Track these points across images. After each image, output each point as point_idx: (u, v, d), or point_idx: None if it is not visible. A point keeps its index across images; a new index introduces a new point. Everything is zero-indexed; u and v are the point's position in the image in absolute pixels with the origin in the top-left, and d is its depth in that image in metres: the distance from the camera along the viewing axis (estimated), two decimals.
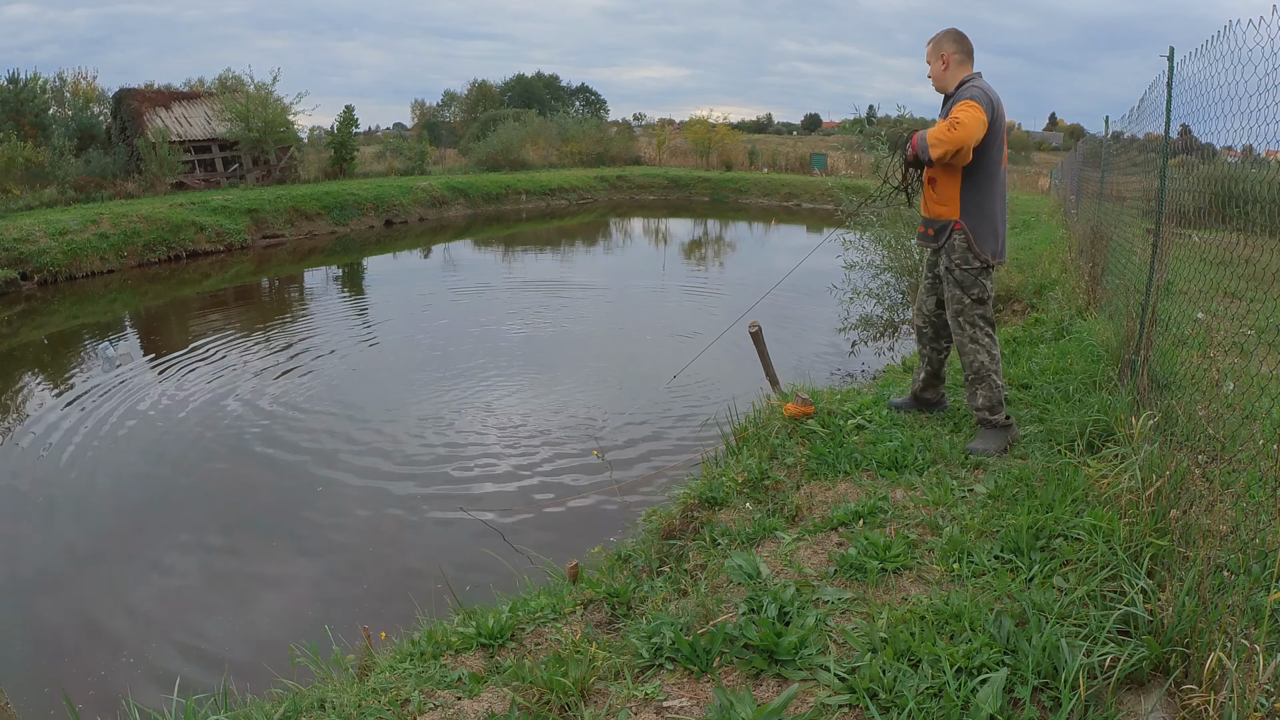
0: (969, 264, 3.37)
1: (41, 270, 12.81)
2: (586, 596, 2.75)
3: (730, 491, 3.37)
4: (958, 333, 3.48)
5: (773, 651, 2.04)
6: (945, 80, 3.38)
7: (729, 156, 33.97)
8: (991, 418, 3.42)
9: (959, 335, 3.47)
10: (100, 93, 22.92)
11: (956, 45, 3.36)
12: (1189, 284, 3.17)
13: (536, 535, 4.91)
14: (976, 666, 1.86)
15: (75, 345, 9.60)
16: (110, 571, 4.66)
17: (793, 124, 71.34)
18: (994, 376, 3.42)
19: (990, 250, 3.37)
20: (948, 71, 3.36)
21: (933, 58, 3.39)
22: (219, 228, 16.33)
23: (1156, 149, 3.94)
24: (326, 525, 5.21)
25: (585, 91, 56.86)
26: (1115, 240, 5.63)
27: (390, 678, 2.22)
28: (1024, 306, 8.03)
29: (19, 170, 16.29)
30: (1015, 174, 31.51)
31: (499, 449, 6.33)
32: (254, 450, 6.38)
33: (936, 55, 3.38)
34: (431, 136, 38.46)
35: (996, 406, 3.42)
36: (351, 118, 24.28)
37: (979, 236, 3.35)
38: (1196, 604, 1.81)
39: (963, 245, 3.37)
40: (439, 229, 21.14)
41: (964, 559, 2.42)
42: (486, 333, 10.12)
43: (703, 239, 21.54)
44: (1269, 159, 2.69)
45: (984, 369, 3.41)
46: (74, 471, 5.93)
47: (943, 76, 3.38)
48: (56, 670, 3.75)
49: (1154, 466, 2.48)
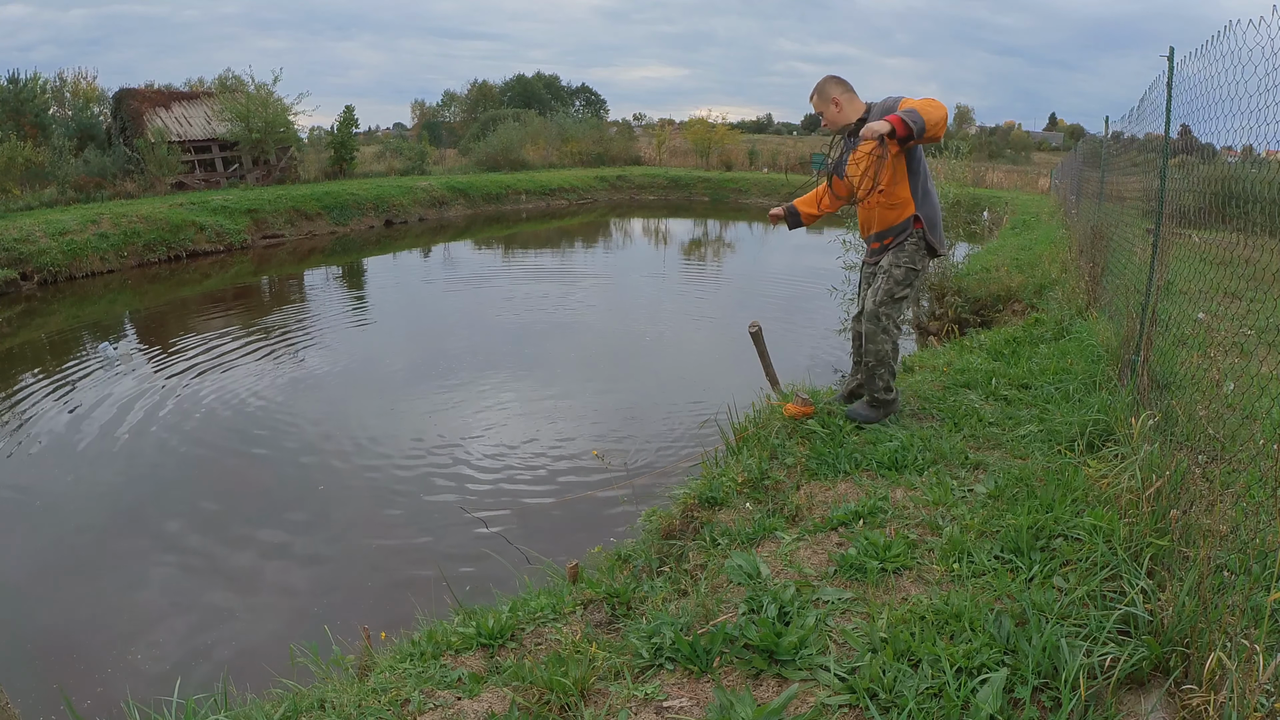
0: (916, 263, 3.61)
1: (41, 270, 12.80)
2: (586, 596, 2.75)
3: (730, 491, 3.37)
4: (873, 322, 3.69)
5: (773, 651, 2.04)
6: (844, 117, 3.57)
7: (729, 156, 33.96)
8: (886, 396, 3.78)
9: (873, 324, 3.69)
10: (100, 93, 22.92)
11: (840, 87, 3.58)
12: (1189, 284, 3.17)
13: (536, 535, 4.91)
14: (976, 666, 1.86)
15: (75, 345, 9.60)
16: (110, 571, 4.66)
17: (793, 124, 71.24)
18: (892, 362, 3.72)
19: (939, 239, 3.64)
20: (843, 111, 3.56)
21: (822, 105, 3.60)
22: (219, 228, 16.32)
23: (1156, 149, 3.95)
24: (327, 525, 5.21)
25: (585, 91, 56.89)
26: (1115, 240, 5.63)
27: (390, 678, 2.22)
28: (1024, 306, 8.03)
29: (19, 170, 16.28)
30: (1015, 174, 31.53)
31: (499, 449, 6.33)
32: (254, 450, 6.38)
33: (826, 102, 3.59)
34: (431, 136, 38.45)
35: (891, 385, 3.78)
36: (351, 118, 24.28)
37: (933, 227, 3.59)
38: (1196, 604, 1.81)
39: (914, 245, 3.59)
40: (439, 229, 21.14)
41: (964, 559, 2.41)
42: (486, 333, 10.11)
43: (703, 239, 21.54)
44: (1269, 159, 2.69)
45: (887, 356, 3.70)
46: (74, 471, 5.93)
47: (838, 116, 3.58)
48: (57, 670, 3.75)
49: (1154, 466, 2.48)
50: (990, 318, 8.54)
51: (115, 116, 20.87)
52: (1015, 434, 3.56)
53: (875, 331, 3.68)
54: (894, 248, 3.62)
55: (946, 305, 9.29)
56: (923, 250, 3.60)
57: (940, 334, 8.18)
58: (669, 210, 27.08)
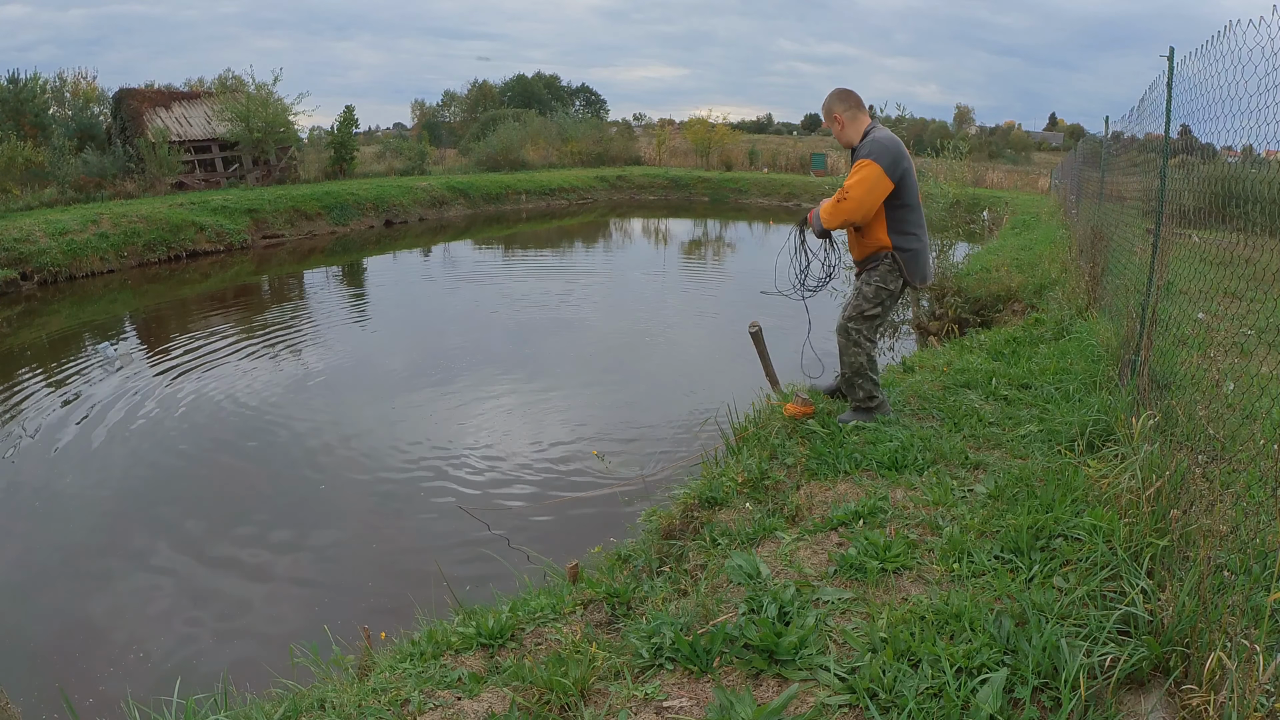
0: (888, 284, 3.68)
1: (41, 270, 12.80)
2: (586, 596, 2.75)
3: (730, 491, 3.37)
4: (844, 336, 3.78)
5: (773, 651, 2.04)
6: (847, 136, 3.66)
7: (729, 156, 33.96)
8: (870, 403, 3.83)
9: (844, 338, 3.78)
10: (100, 93, 22.91)
11: (843, 103, 3.65)
12: (1189, 284, 3.17)
13: (536, 535, 4.92)
14: (976, 666, 1.86)
15: (75, 345, 9.60)
16: (110, 571, 4.66)
17: (793, 124, 71.26)
18: (870, 373, 3.78)
19: (919, 277, 3.69)
20: (845, 129, 3.65)
21: (828, 122, 3.73)
22: (219, 228, 16.32)
23: (1156, 149, 3.95)
24: (327, 525, 5.21)
25: (585, 91, 56.90)
26: (1115, 240, 5.63)
27: (390, 678, 2.22)
28: (1024, 306, 8.03)
29: (19, 170, 16.28)
30: (1015, 174, 31.54)
31: (499, 448, 6.33)
32: (254, 450, 6.39)
33: (830, 119, 3.70)
34: (431, 136, 38.43)
35: (873, 393, 3.82)
36: (351, 118, 24.27)
37: (909, 265, 3.65)
38: (1196, 604, 1.81)
39: (887, 268, 3.67)
40: (439, 229, 21.13)
41: (964, 559, 2.41)
42: (486, 332, 10.12)
43: (703, 239, 21.54)
44: (1269, 159, 2.69)
45: (863, 368, 3.77)
46: (74, 472, 5.93)
47: (843, 134, 3.67)
48: (57, 670, 3.75)
49: (1154, 466, 2.48)
50: (990, 318, 8.55)
51: (115, 116, 20.87)
52: (1015, 434, 3.56)
53: (846, 345, 3.79)
54: (868, 270, 3.76)
55: (946, 305, 9.30)
56: (896, 273, 3.68)
57: (940, 334, 8.18)
58: (669, 210, 27.07)
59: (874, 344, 3.81)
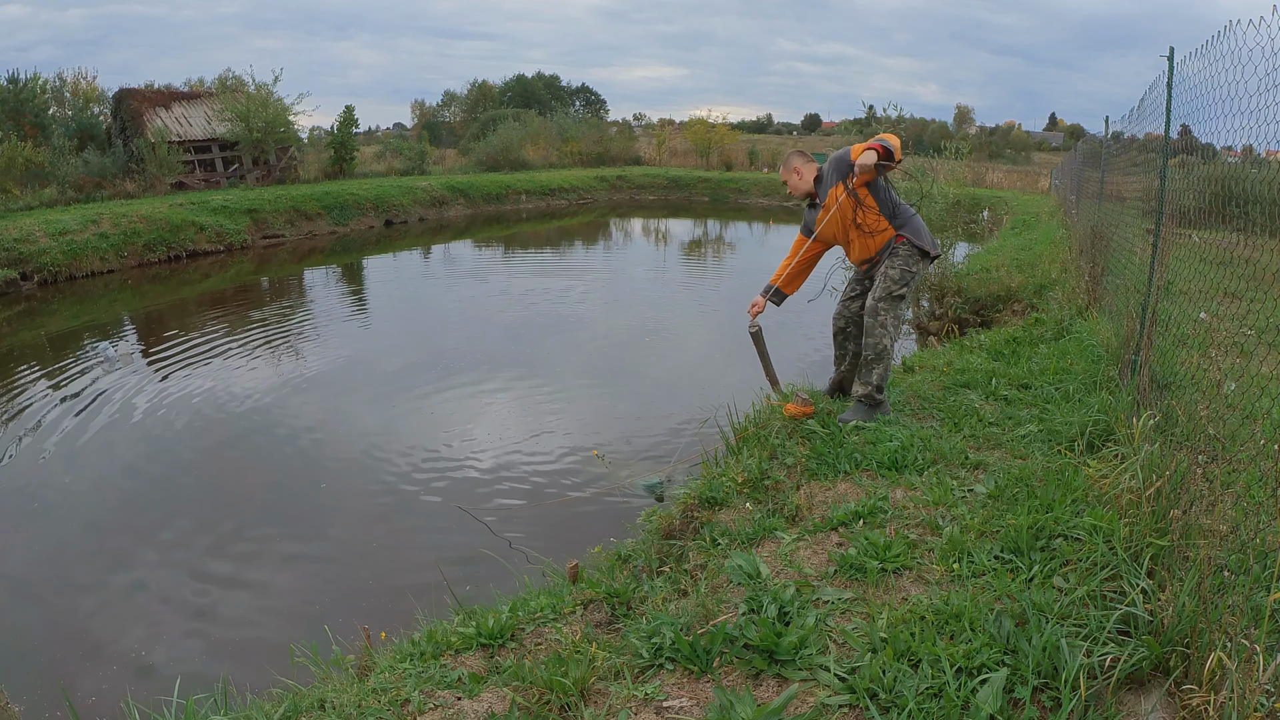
0: (910, 265, 3.85)
1: (41, 270, 12.80)
2: (586, 596, 2.75)
3: (730, 491, 3.37)
4: (872, 317, 3.88)
5: (773, 651, 2.04)
6: (804, 185, 4.03)
7: (729, 156, 33.96)
8: (878, 396, 3.90)
9: (873, 319, 3.88)
10: (100, 93, 22.92)
11: (801, 158, 4.08)
12: (1189, 284, 3.17)
13: (536, 535, 4.91)
14: (976, 666, 1.86)
15: (75, 345, 9.60)
16: (111, 570, 4.65)
17: (793, 124, 71.31)
18: (890, 358, 3.89)
19: (930, 243, 3.89)
20: (803, 179, 4.03)
21: (786, 175, 4.08)
22: (219, 228, 16.32)
23: (1156, 149, 3.95)
24: (326, 525, 5.21)
25: (585, 91, 56.88)
26: (1115, 240, 5.63)
27: (390, 678, 2.22)
28: (1024, 306, 8.03)
29: (19, 170, 16.28)
30: (1015, 174, 31.52)
31: (498, 448, 6.33)
32: (254, 450, 6.38)
33: (789, 172, 4.06)
34: (431, 136, 38.44)
35: (883, 385, 3.91)
36: (351, 118, 24.26)
37: (918, 235, 3.87)
38: (1196, 604, 1.81)
39: (907, 251, 3.85)
40: (439, 229, 21.13)
41: (964, 559, 2.42)
42: (485, 332, 10.11)
43: (703, 239, 21.53)
44: (1269, 159, 2.69)
45: (886, 351, 3.88)
46: (73, 472, 5.93)
47: (799, 185, 4.04)
48: (57, 670, 3.75)
49: (1154, 466, 2.48)
50: (990, 318, 8.55)
51: (115, 116, 20.87)
52: (1015, 434, 3.56)
53: (874, 325, 3.87)
54: (886, 257, 3.89)
55: (946, 305, 9.29)
56: (915, 255, 3.85)
57: (940, 334, 8.18)
58: (669, 210, 27.07)
59: (899, 329, 3.94)
